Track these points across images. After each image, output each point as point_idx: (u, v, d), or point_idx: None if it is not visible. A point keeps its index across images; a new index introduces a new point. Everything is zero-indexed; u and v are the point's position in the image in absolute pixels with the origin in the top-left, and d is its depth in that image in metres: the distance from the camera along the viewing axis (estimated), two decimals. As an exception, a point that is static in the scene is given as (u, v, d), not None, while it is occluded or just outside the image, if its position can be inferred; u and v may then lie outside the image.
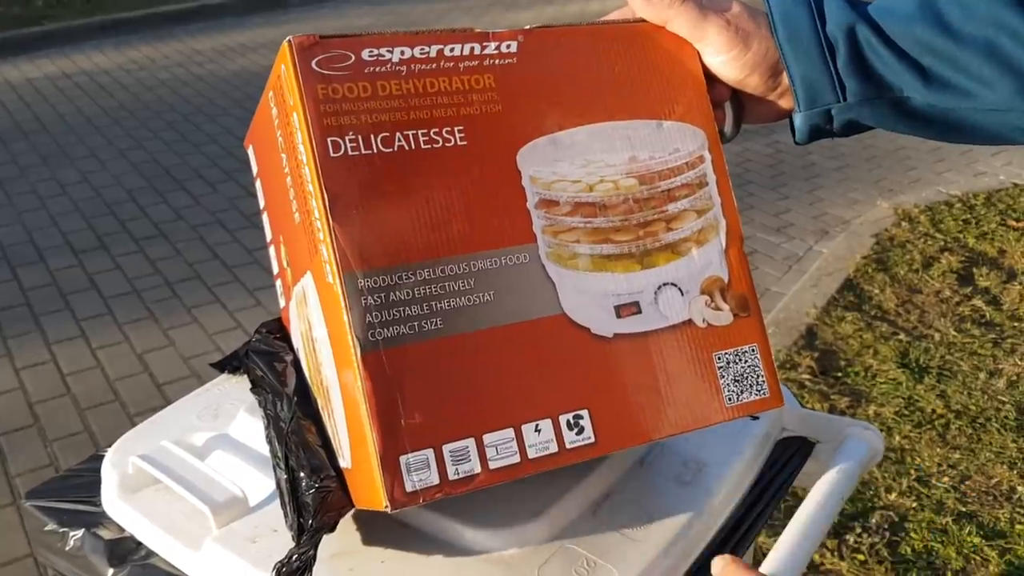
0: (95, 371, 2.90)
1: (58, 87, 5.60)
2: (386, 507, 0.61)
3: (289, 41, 0.66)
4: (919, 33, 0.73)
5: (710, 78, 0.77)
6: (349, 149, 0.65)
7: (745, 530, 0.82)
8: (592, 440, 0.67)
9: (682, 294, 0.72)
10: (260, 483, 0.80)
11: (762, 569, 0.72)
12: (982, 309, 3.10)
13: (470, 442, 0.64)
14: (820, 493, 0.82)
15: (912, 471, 2.35)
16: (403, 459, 0.62)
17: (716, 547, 0.79)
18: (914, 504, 2.24)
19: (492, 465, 0.64)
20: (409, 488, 0.61)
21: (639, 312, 0.70)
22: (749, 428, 0.88)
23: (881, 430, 2.50)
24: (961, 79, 0.73)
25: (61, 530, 0.84)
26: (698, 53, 0.77)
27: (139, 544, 0.80)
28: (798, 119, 0.78)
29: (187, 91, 5.54)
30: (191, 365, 2.92)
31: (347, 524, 0.75)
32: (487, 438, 0.64)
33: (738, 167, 4.31)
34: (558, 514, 0.76)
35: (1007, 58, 0.72)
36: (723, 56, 0.75)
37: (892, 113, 0.76)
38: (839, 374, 2.75)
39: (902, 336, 2.95)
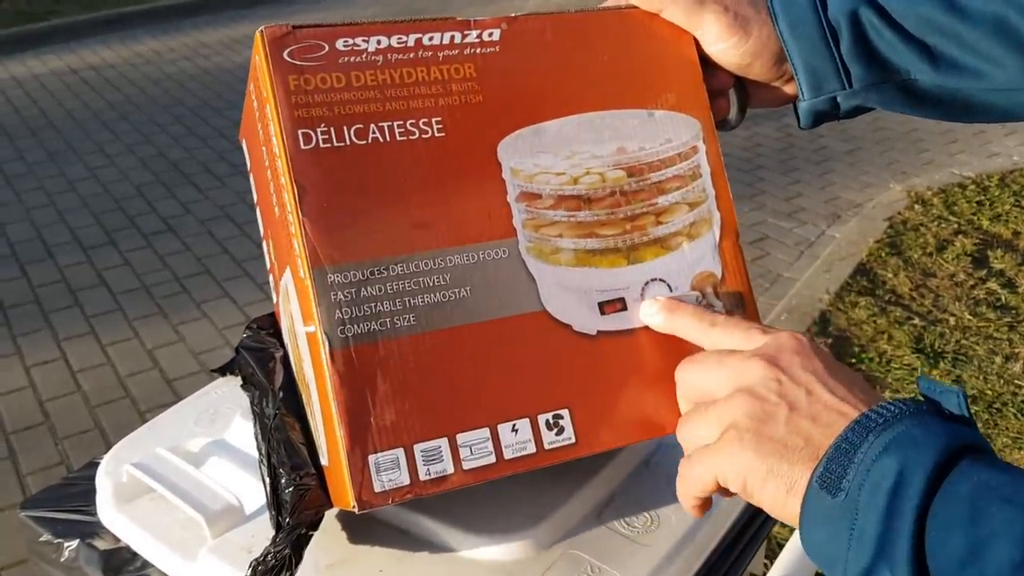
0: (105, 368, 2.90)
1: (64, 82, 5.60)
2: (353, 507, 0.60)
3: (261, 31, 0.65)
4: (925, 12, 0.71)
5: (711, 65, 0.75)
6: (320, 141, 0.64)
7: (756, 530, 0.80)
8: (572, 440, 0.65)
9: (671, 290, 0.70)
10: (256, 490, 0.78)
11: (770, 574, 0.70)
12: (997, 292, 3.07)
13: (443, 442, 0.62)
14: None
15: (928, 458, 2.32)
16: (372, 458, 0.60)
17: (726, 549, 0.77)
18: (930, 491, 2.21)
19: (466, 465, 0.62)
20: (378, 488, 0.60)
21: (624, 309, 0.68)
22: (758, 425, 0.86)
23: (896, 417, 2.47)
24: (969, 59, 0.71)
25: (56, 541, 0.82)
26: (695, 39, 0.74)
27: (134, 554, 0.79)
28: (802, 106, 0.76)
29: (194, 85, 5.53)
30: (201, 360, 2.91)
31: (342, 532, 0.74)
32: (461, 438, 0.62)
33: (748, 152, 4.27)
34: (561, 518, 0.73)
35: (1017, 35, 0.69)
36: (722, 45, 0.73)
37: (899, 96, 0.74)
38: (853, 360, 2.72)
39: (916, 321, 2.92)
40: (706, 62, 0.75)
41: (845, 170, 4.11)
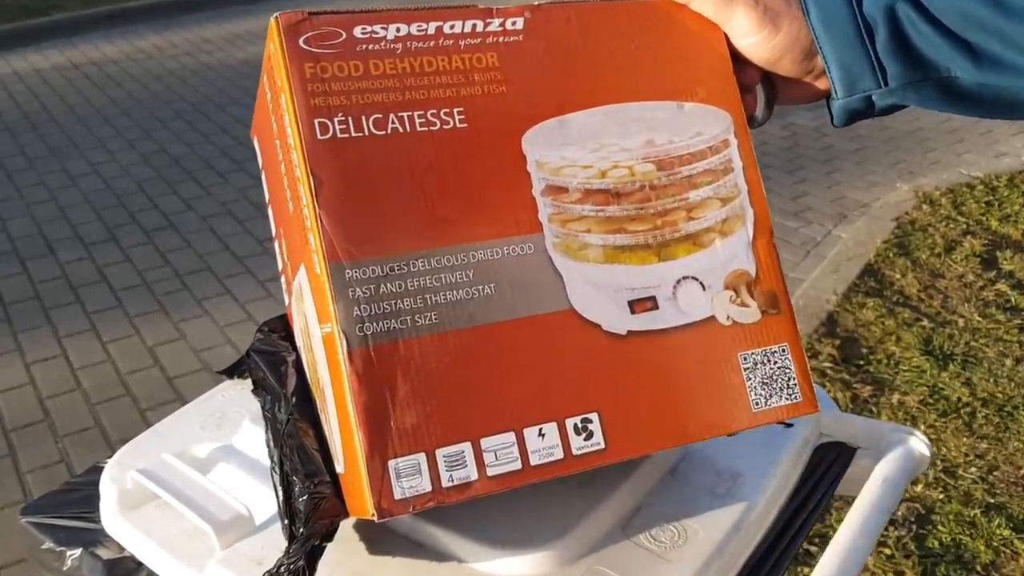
0: (105, 365, 2.87)
1: (66, 77, 5.57)
2: (372, 515, 0.57)
3: (276, 18, 0.62)
4: (965, 7, 0.69)
5: (739, 59, 0.73)
6: (338, 131, 0.61)
7: (787, 544, 0.77)
8: (602, 446, 0.62)
9: (704, 288, 0.67)
10: (266, 499, 0.75)
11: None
12: (1007, 293, 3.04)
13: (466, 446, 0.59)
14: (860, 514, 0.76)
15: (938, 462, 2.29)
16: (392, 464, 0.58)
17: (755, 564, 0.74)
18: (941, 496, 2.18)
19: (491, 472, 0.59)
20: (398, 495, 0.57)
21: (656, 308, 0.66)
22: (786, 433, 0.83)
23: (905, 420, 2.45)
24: (1013, 55, 0.68)
25: (58, 549, 0.79)
26: (725, 33, 0.72)
27: (139, 564, 0.76)
28: (836, 105, 0.73)
29: (196, 80, 5.49)
30: (202, 358, 2.89)
31: (357, 544, 0.71)
32: (485, 442, 0.60)
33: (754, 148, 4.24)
34: (585, 532, 0.71)
35: None
36: (751, 38, 0.71)
37: (938, 95, 0.72)
38: (861, 362, 2.69)
39: (925, 322, 2.89)
40: (734, 56, 0.73)
41: (851, 169, 4.08)
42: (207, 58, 5.91)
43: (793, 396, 0.69)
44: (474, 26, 0.66)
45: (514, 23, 0.67)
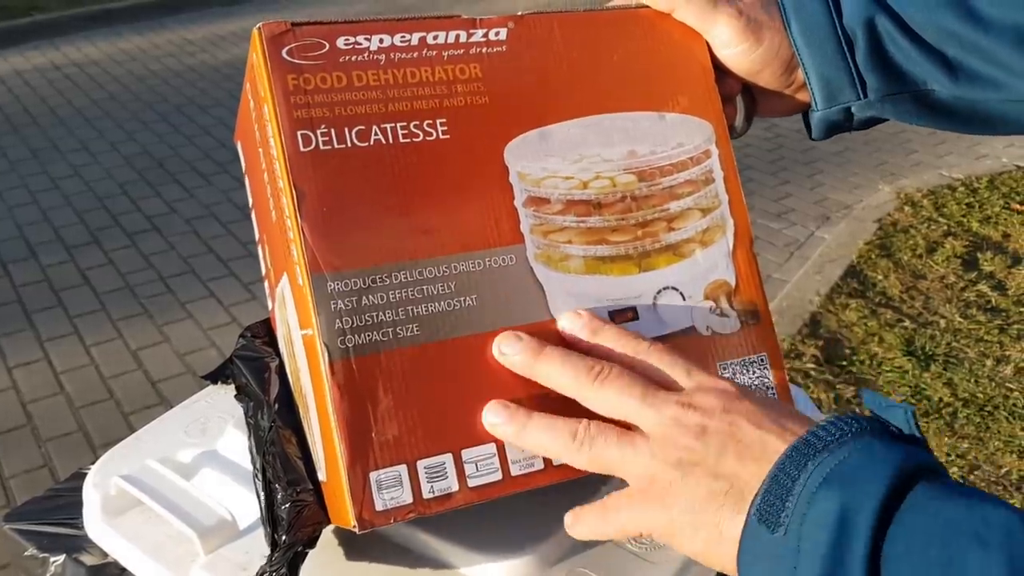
0: (89, 369, 2.86)
1: (48, 79, 5.54)
2: (354, 527, 0.57)
3: (259, 29, 0.62)
4: (943, 21, 0.69)
5: (720, 70, 0.73)
6: (321, 143, 0.61)
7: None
8: None
9: (684, 299, 0.67)
10: (250, 504, 0.75)
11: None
12: (987, 294, 3.07)
13: (447, 458, 0.59)
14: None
15: (920, 461, 2.31)
16: (373, 475, 0.58)
17: (734, 565, 0.75)
18: (923, 495, 2.20)
19: (471, 483, 0.60)
20: (379, 507, 0.57)
21: (636, 318, 0.66)
22: (766, 436, 0.83)
23: (888, 420, 2.46)
24: (990, 69, 0.69)
25: (41, 555, 0.79)
26: (707, 42, 0.72)
27: (123, 570, 0.76)
28: (815, 117, 0.74)
29: (179, 82, 5.48)
30: (186, 361, 2.88)
31: (339, 548, 0.71)
32: (466, 453, 0.60)
33: (737, 152, 4.20)
34: (567, 535, 0.71)
35: None
36: (733, 49, 0.71)
37: (915, 108, 0.73)
38: (844, 362, 2.71)
39: (907, 323, 2.91)
40: (715, 67, 0.73)
41: (834, 171, 4.11)
42: (190, 60, 5.89)
43: None
44: (457, 37, 0.66)
45: (497, 34, 0.67)
